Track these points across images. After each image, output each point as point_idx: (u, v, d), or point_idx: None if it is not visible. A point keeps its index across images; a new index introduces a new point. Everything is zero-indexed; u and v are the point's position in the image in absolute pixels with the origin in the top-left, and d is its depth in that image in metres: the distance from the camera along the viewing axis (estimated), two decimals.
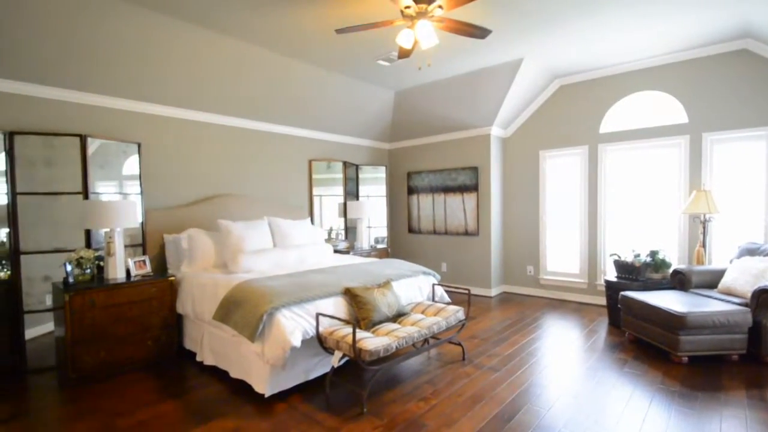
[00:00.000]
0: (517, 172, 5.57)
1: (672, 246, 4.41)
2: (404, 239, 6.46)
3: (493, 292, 5.47)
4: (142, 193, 3.63)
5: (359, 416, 2.34)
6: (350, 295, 2.83)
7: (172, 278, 3.26)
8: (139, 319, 3.06)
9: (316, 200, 5.38)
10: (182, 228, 3.82)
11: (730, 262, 3.78)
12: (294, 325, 2.46)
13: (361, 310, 2.77)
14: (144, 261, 3.28)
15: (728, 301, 3.23)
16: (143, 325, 3.09)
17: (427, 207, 6.06)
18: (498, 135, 5.52)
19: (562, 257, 5.24)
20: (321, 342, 2.58)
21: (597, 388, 2.67)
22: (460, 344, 3.27)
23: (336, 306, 2.78)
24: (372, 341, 2.40)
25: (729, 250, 4.05)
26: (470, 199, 5.54)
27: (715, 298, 3.35)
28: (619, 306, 3.72)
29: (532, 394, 2.60)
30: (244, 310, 2.51)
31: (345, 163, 5.67)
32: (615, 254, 4.24)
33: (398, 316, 2.95)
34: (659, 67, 4.42)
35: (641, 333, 3.41)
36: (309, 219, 4.80)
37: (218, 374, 2.93)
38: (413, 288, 3.47)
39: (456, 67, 4.56)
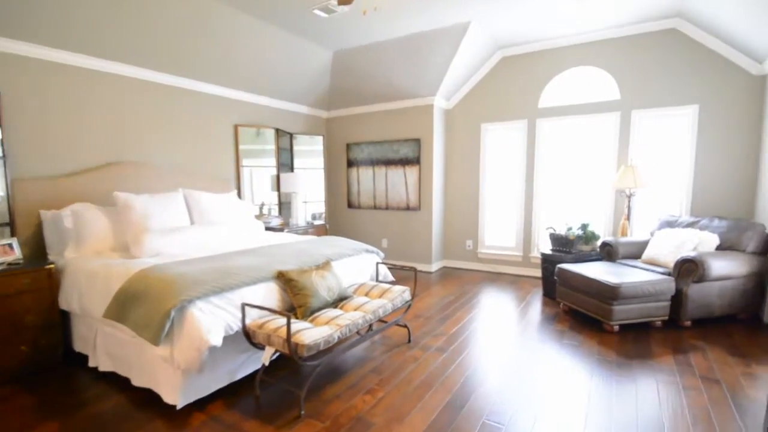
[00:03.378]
0: (459, 145, 5.43)
1: (602, 219, 4.58)
2: (343, 215, 6.10)
3: (434, 267, 5.37)
4: (4, 157, 2.81)
5: (296, 420, 2.02)
6: (284, 279, 2.43)
7: (52, 266, 2.59)
8: (6, 318, 2.40)
9: (244, 172, 4.75)
10: (66, 202, 3.05)
11: (651, 234, 4.00)
12: (213, 320, 2.02)
13: (297, 297, 2.39)
14: (10, 245, 2.56)
15: (653, 271, 3.41)
16: (13, 327, 2.43)
17: (367, 181, 5.72)
18: (441, 106, 5.29)
19: (499, 231, 5.27)
20: (248, 337, 2.18)
21: (543, 366, 2.64)
22: (405, 326, 3.06)
23: (267, 293, 2.37)
24: (310, 333, 2.06)
25: (651, 222, 4.26)
26: (412, 172, 5.30)
27: (641, 268, 3.53)
28: (555, 278, 3.77)
29: (481, 377, 2.48)
30: (146, 306, 2.00)
31: (278, 131, 5.08)
32: (551, 227, 4.31)
33: (340, 300, 2.63)
34: (596, 42, 4.43)
35: (576, 303, 3.49)
36: (235, 192, 4.20)
37: (118, 382, 2.39)
38: (355, 268, 3.15)
39: (400, 26, 4.16)
